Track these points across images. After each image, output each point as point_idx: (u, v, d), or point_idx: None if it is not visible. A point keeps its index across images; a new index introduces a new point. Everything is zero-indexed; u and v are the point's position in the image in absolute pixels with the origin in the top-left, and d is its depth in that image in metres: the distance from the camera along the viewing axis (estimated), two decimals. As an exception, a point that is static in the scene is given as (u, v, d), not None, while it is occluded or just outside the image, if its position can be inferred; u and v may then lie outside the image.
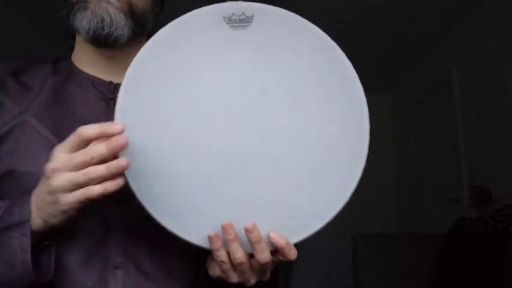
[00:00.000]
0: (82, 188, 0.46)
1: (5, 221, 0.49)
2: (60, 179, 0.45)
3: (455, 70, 2.82)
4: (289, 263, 2.62)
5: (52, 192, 0.46)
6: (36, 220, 0.49)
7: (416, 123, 3.56)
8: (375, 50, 3.18)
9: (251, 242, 0.49)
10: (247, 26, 0.52)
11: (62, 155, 0.46)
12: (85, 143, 0.46)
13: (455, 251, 2.02)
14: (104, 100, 0.63)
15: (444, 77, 2.96)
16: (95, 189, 0.46)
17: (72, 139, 0.46)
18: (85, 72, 0.66)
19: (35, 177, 0.54)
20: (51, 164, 0.46)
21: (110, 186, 0.46)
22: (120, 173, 0.47)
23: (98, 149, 0.45)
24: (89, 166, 0.46)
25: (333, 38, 0.54)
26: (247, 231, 0.48)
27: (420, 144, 3.48)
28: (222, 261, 0.50)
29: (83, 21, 0.59)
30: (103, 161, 0.46)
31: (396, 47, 3.13)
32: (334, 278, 3.69)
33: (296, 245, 0.52)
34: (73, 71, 0.66)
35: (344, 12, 2.66)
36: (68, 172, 0.45)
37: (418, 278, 2.17)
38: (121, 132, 0.46)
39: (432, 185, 3.22)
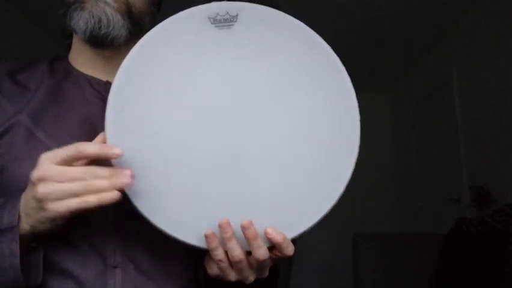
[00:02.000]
0: (74, 197, 0.45)
1: None
2: (47, 188, 0.45)
3: (455, 70, 2.82)
4: (289, 263, 2.62)
5: (39, 200, 0.45)
6: (25, 225, 0.49)
7: (416, 123, 3.56)
8: (375, 50, 3.18)
9: (248, 239, 0.49)
10: (232, 25, 0.53)
11: (52, 166, 0.45)
12: (80, 159, 0.46)
13: (455, 251, 2.02)
14: (101, 100, 0.63)
15: (444, 77, 2.96)
16: (92, 201, 0.45)
17: (67, 152, 0.46)
18: (82, 72, 0.66)
19: (28, 179, 0.54)
20: (39, 173, 0.45)
21: (107, 198, 0.45)
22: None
23: (101, 173, 0.45)
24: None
25: (333, 38, 0.54)
26: (243, 228, 0.48)
27: (420, 144, 3.48)
28: (220, 260, 0.50)
29: (80, 21, 0.59)
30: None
31: (396, 47, 3.13)
32: (334, 278, 3.69)
33: (294, 243, 0.52)
34: (70, 71, 0.66)
35: (344, 12, 2.66)
36: (58, 183, 0.45)
37: (418, 278, 2.17)
38: (120, 156, 0.46)
39: (432, 185, 3.22)
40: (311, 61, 0.53)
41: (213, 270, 0.53)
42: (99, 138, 0.51)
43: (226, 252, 0.50)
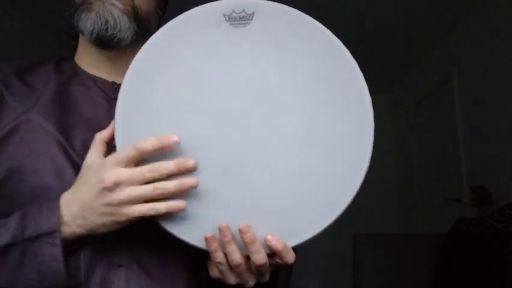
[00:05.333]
0: (144, 201, 0.47)
1: (32, 230, 0.49)
2: (126, 193, 0.46)
3: (455, 70, 2.83)
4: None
5: (113, 204, 0.47)
6: (73, 228, 0.49)
7: (416, 123, 3.57)
8: (375, 50, 3.18)
9: (245, 243, 0.49)
10: (248, 23, 0.51)
11: (121, 169, 0.47)
12: (142, 156, 0.48)
13: (455, 251, 2.02)
14: (107, 100, 0.64)
15: (445, 77, 2.96)
16: (161, 207, 0.47)
17: (129, 153, 0.47)
18: (87, 73, 0.67)
19: (41, 175, 0.55)
20: (112, 178, 0.46)
21: (174, 207, 0.47)
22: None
23: (167, 167, 0.47)
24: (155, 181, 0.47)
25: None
26: (241, 231, 0.48)
27: (420, 144, 3.48)
28: (219, 263, 0.50)
29: (87, 22, 0.60)
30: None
31: (396, 47, 3.13)
32: (334, 278, 3.69)
33: (295, 247, 0.51)
34: (76, 71, 0.67)
35: (344, 12, 2.67)
36: (133, 186, 0.47)
37: (418, 278, 2.17)
38: (178, 142, 0.48)
39: (432, 185, 3.22)
40: (327, 64, 0.51)
41: (213, 272, 0.54)
42: (109, 128, 0.53)
43: (226, 255, 0.50)
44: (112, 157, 0.48)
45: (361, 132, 0.51)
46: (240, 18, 0.51)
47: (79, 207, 0.49)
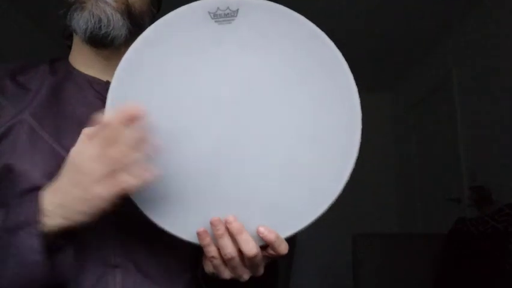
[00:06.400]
0: (116, 179, 0.45)
1: (12, 221, 0.48)
2: (96, 169, 0.45)
3: (455, 70, 2.83)
4: (289, 263, 2.62)
5: (85, 186, 0.46)
6: (56, 219, 0.48)
7: (416, 123, 3.57)
8: (375, 49, 3.18)
9: (233, 234, 0.49)
10: (233, 20, 0.52)
11: (92, 149, 0.46)
12: (109, 131, 0.46)
13: (455, 251, 2.02)
14: (101, 100, 0.63)
15: (445, 77, 2.96)
16: (132, 181, 0.45)
17: (96, 130, 0.46)
18: (82, 72, 0.66)
19: (31, 176, 0.54)
20: (82, 156, 0.46)
21: (147, 176, 0.46)
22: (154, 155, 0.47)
23: (129, 134, 0.45)
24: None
25: (333, 38, 0.53)
26: (227, 222, 0.49)
27: (420, 144, 3.48)
28: (212, 257, 0.50)
29: (81, 21, 0.60)
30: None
31: (396, 47, 3.13)
32: (334, 278, 3.69)
33: (291, 240, 0.51)
34: (70, 71, 0.67)
35: (343, 12, 2.67)
36: (103, 164, 0.45)
37: (418, 278, 2.17)
38: (141, 112, 0.46)
39: (432, 185, 3.22)
40: (312, 56, 0.52)
41: (208, 267, 0.54)
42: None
43: (219, 250, 0.50)
44: (84, 133, 0.47)
45: (349, 122, 0.52)
46: (225, 15, 0.52)
47: (56, 195, 0.48)
